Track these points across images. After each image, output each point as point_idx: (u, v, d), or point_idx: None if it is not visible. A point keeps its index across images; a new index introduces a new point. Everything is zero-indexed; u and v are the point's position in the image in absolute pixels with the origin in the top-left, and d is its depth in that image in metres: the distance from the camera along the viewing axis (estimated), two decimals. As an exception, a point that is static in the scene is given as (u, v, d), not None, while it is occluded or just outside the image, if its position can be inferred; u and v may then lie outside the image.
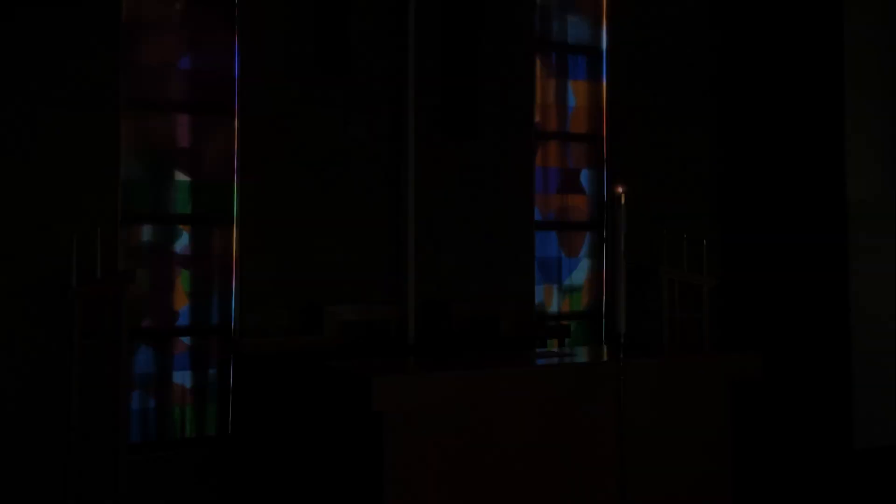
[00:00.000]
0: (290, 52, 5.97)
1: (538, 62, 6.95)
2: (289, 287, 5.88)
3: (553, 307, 7.01)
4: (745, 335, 7.12)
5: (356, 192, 6.13)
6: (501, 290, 6.52)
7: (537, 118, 6.93)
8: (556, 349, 6.29)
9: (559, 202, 7.08)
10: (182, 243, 5.83)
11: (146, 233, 5.74)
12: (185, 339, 5.81)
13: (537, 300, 6.85)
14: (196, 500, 5.59)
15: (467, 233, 6.47)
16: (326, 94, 6.05)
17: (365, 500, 3.91)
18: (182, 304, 5.81)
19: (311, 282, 5.94)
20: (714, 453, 4.56)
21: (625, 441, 3.94)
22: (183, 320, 5.81)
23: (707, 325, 6.59)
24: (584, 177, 7.18)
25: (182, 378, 5.78)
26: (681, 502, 4.42)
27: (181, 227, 5.83)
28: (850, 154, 6.68)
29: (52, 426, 5.19)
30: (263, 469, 5.56)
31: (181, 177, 5.84)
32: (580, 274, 7.14)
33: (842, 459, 6.47)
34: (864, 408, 6.55)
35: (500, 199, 6.60)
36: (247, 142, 5.88)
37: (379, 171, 6.20)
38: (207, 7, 5.94)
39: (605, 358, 4.95)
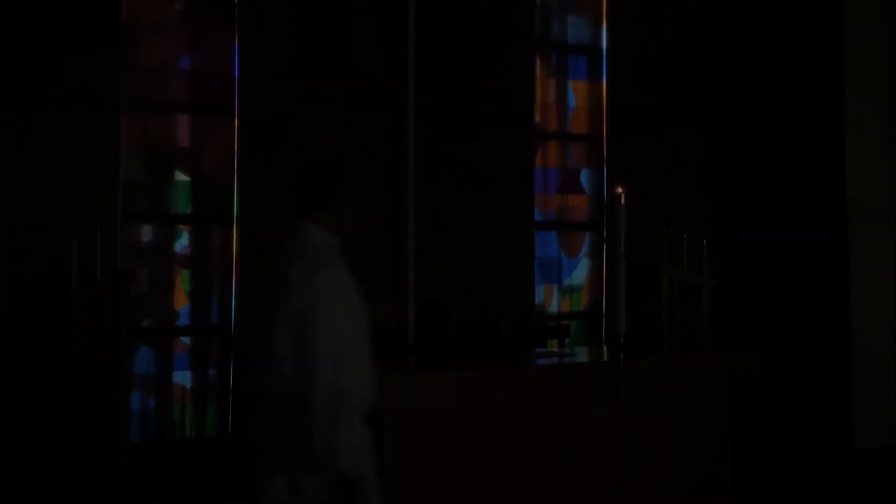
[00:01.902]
0: (290, 52, 5.96)
1: (538, 62, 6.95)
2: (289, 287, 5.87)
3: (553, 307, 7.01)
4: (745, 335, 7.11)
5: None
6: (501, 290, 6.51)
7: (537, 118, 6.92)
8: (556, 349, 6.29)
9: (559, 202, 7.07)
10: (182, 243, 5.83)
11: (146, 233, 5.74)
12: (185, 339, 5.81)
13: (537, 300, 6.85)
14: (196, 500, 5.58)
15: (467, 233, 6.46)
16: (326, 94, 6.05)
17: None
18: (182, 303, 5.81)
19: (311, 282, 5.92)
20: (714, 453, 4.56)
21: (625, 441, 3.94)
22: (183, 320, 5.81)
23: (707, 325, 6.58)
24: (584, 177, 7.18)
25: (182, 378, 5.78)
26: (681, 502, 4.42)
27: (181, 227, 5.82)
28: (850, 154, 6.67)
29: (52, 426, 5.18)
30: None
31: (181, 177, 5.84)
32: (580, 274, 7.14)
33: (842, 459, 6.47)
34: (864, 408, 6.55)
35: (500, 199, 6.59)
36: (247, 142, 5.88)
37: (379, 171, 6.20)
38: (207, 7, 5.94)
39: (605, 358, 4.95)
